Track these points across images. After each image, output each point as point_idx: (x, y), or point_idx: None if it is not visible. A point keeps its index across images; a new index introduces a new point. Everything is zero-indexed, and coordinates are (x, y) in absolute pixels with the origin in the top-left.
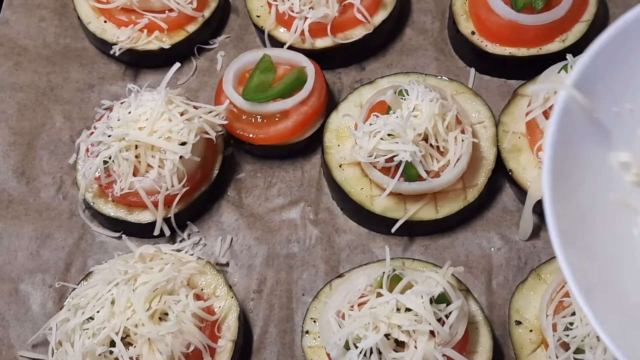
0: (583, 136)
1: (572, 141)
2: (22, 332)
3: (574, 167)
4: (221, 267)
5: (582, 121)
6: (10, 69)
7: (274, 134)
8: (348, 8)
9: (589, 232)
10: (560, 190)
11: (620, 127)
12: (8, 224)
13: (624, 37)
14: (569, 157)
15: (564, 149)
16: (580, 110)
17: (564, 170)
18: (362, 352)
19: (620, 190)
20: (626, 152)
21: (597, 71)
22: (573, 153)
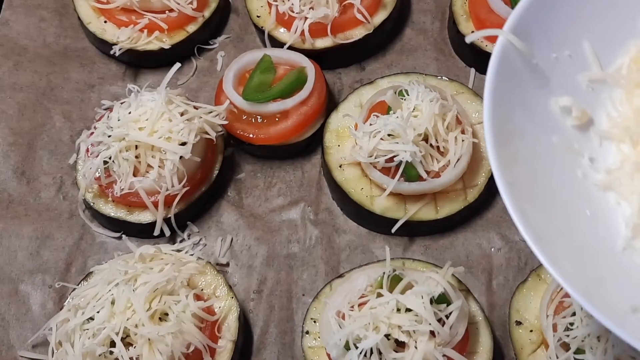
0: (523, 81)
1: (511, 87)
2: (22, 333)
3: (514, 112)
4: (221, 267)
5: (521, 67)
6: (10, 69)
7: (274, 134)
8: (348, 8)
9: (535, 176)
10: (503, 136)
11: (560, 73)
12: (8, 224)
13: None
14: (509, 103)
15: (503, 94)
16: (519, 56)
17: (505, 116)
18: (363, 352)
19: (562, 134)
20: (567, 97)
21: (535, 17)
22: (513, 98)
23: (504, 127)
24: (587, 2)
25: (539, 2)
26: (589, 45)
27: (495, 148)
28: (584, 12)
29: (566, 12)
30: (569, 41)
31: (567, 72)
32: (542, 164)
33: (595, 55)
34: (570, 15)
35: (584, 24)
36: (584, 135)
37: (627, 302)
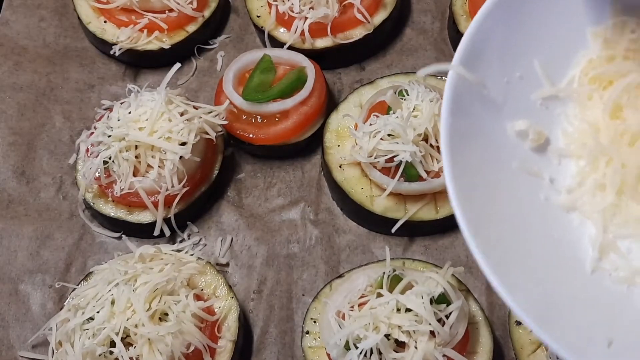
0: (478, 113)
1: (467, 121)
2: (22, 333)
3: (472, 146)
4: (221, 268)
5: (474, 99)
6: (10, 69)
7: (274, 134)
8: (348, 8)
9: (497, 206)
10: (462, 171)
11: (514, 97)
12: (8, 224)
13: (501, 8)
14: (466, 137)
15: (459, 130)
16: (471, 89)
17: (462, 152)
18: (363, 352)
19: (521, 158)
20: (522, 120)
21: (482, 44)
22: (470, 132)
23: (463, 163)
24: (533, 21)
25: (485, 29)
26: (539, 63)
27: (455, 183)
28: (531, 31)
29: (513, 34)
30: (518, 62)
31: (520, 94)
32: (503, 192)
33: (546, 72)
34: (517, 36)
35: (532, 43)
36: (542, 156)
37: (601, 334)
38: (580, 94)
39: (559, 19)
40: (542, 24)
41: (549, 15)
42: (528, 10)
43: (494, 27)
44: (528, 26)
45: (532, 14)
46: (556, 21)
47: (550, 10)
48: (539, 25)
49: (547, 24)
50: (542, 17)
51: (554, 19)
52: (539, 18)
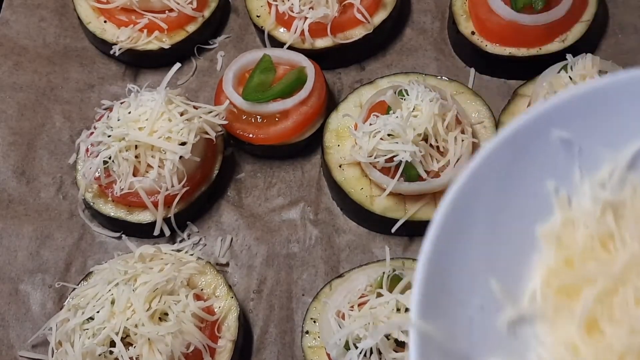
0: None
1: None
2: (22, 332)
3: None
4: (221, 267)
5: (444, 352)
6: (10, 69)
7: (274, 134)
8: (348, 8)
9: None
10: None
11: (481, 332)
12: (8, 224)
13: (445, 233)
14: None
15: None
16: (436, 341)
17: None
18: (362, 352)
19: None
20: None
21: (435, 285)
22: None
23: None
24: (479, 234)
25: (435, 266)
26: (495, 282)
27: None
28: (478, 249)
29: (462, 261)
30: (476, 287)
31: (486, 327)
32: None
33: (505, 290)
34: (466, 261)
35: (483, 263)
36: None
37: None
38: (547, 311)
39: (505, 224)
40: (489, 235)
41: (494, 224)
42: (470, 227)
43: (442, 258)
44: (475, 243)
45: (475, 229)
46: (503, 228)
47: (495, 218)
48: (487, 238)
49: (495, 233)
50: (487, 227)
51: (501, 226)
52: (483, 231)
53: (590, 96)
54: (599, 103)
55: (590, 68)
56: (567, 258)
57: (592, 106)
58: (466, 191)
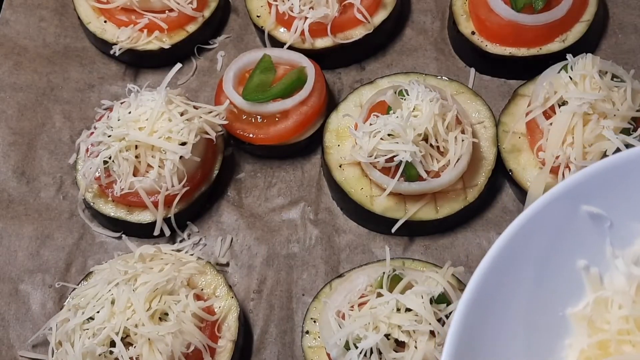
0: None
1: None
2: (22, 332)
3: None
4: (221, 267)
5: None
6: (10, 69)
7: (274, 134)
8: (348, 8)
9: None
10: None
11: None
12: (8, 224)
13: (474, 312)
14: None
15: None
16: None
17: None
18: (362, 352)
19: None
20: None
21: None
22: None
23: None
24: (503, 323)
25: (463, 343)
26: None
27: None
28: (506, 336)
29: (488, 348)
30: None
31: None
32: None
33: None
34: (493, 349)
35: (511, 349)
36: None
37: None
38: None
39: (535, 307)
40: (518, 320)
41: (523, 308)
42: (497, 311)
43: (468, 344)
44: (502, 329)
45: (502, 314)
46: (532, 311)
47: (523, 301)
48: (514, 323)
49: (523, 318)
50: (515, 312)
51: (530, 310)
52: (511, 315)
53: (620, 169)
54: (629, 176)
55: (590, 68)
56: (602, 341)
57: (623, 179)
58: (496, 270)
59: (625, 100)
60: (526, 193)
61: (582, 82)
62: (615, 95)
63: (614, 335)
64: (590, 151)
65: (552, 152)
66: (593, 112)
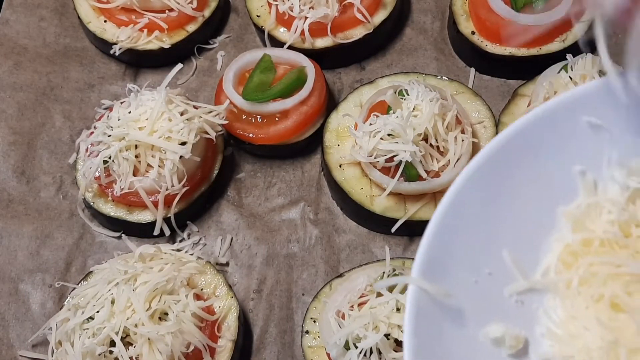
0: (445, 327)
1: (434, 337)
2: (22, 332)
3: (443, 357)
4: (221, 267)
5: (440, 311)
6: (10, 69)
7: (274, 134)
8: (348, 8)
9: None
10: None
11: (485, 297)
12: (8, 223)
13: (462, 199)
14: (436, 351)
15: (426, 349)
16: (435, 301)
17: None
18: (362, 352)
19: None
20: (495, 325)
21: (443, 247)
22: (438, 349)
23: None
24: (497, 207)
25: (445, 227)
26: (508, 255)
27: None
28: (497, 218)
29: (477, 226)
30: (486, 257)
31: (491, 293)
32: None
33: (517, 263)
34: (482, 227)
35: (499, 232)
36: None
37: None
38: (560, 286)
39: (526, 200)
40: (508, 208)
41: (515, 198)
42: (490, 197)
43: (455, 221)
44: (492, 214)
45: (495, 200)
46: (523, 203)
47: (516, 192)
48: (505, 210)
49: (514, 207)
50: (507, 200)
51: (521, 201)
52: (503, 203)
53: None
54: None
55: (590, 68)
56: (586, 239)
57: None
58: (494, 160)
59: None
60: None
61: (582, 82)
62: None
63: (599, 234)
64: None
65: None
66: None
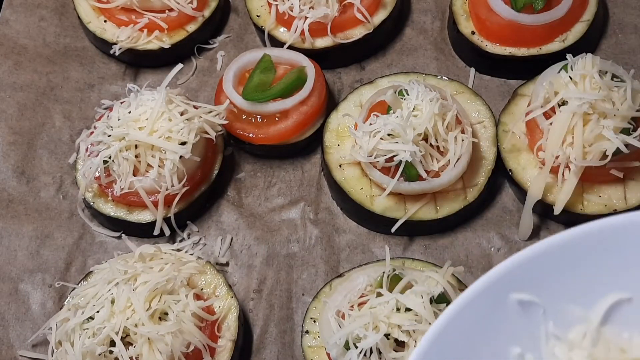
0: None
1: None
2: (22, 332)
3: None
4: (221, 267)
5: None
6: (10, 69)
7: (274, 133)
8: (348, 8)
9: None
10: None
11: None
12: (8, 223)
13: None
14: None
15: None
16: None
17: None
18: (362, 352)
19: None
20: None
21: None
22: None
23: None
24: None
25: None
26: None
27: None
28: None
29: None
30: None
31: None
32: None
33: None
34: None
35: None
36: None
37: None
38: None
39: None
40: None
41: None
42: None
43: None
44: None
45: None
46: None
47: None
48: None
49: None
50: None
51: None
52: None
53: (550, 254)
54: (560, 260)
55: (590, 68)
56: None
57: (553, 263)
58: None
59: (625, 100)
60: (526, 193)
61: (582, 82)
62: (615, 95)
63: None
64: (590, 151)
65: (552, 152)
66: (593, 112)
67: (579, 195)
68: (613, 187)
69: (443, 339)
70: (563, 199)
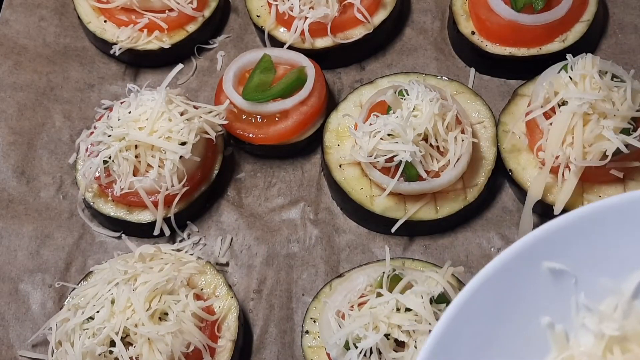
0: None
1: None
2: (22, 332)
3: None
4: (221, 267)
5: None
6: (10, 69)
7: (274, 134)
8: (348, 8)
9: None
10: None
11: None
12: (8, 223)
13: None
14: None
15: None
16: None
17: None
18: (362, 352)
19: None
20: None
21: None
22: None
23: None
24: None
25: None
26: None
27: None
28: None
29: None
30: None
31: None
32: None
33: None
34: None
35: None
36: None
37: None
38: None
39: (518, 327)
40: (497, 338)
41: (506, 328)
42: (478, 330)
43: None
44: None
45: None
46: (515, 331)
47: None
48: (496, 342)
49: (505, 337)
50: (496, 332)
51: (512, 329)
52: (493, 336)
53: (583, 223)
54: (593, 230)
55: (590, 68)
56: (568, 356)
57: (587, 233)
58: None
59: (625, 100)
60: (526, 193)
61: (582, 82)
62: (615, 95)
63: (582, 357)
64: (590, 151)
65: (552, 152)
66: (593, 112)
67: (579, 196)
68: (613, 187)
69: (474, 302)
70: (563, 199)
